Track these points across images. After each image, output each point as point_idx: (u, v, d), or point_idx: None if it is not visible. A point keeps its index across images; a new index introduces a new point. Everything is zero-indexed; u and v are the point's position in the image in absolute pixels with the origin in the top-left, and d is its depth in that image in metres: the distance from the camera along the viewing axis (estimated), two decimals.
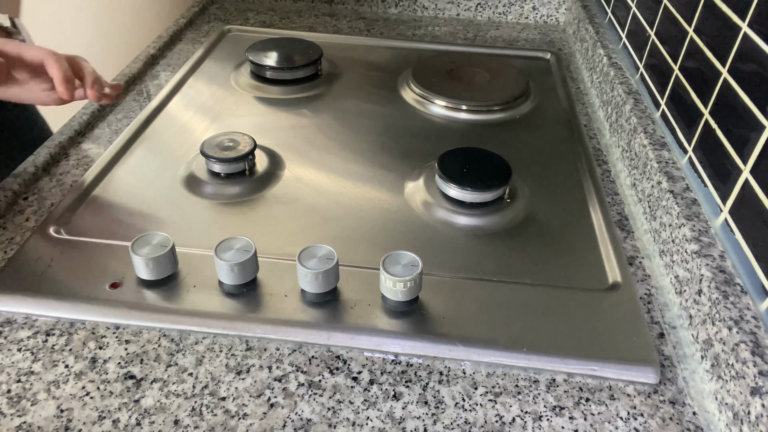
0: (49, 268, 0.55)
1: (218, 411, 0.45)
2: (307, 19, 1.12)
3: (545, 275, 0.58)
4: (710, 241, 0.53)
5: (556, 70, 0.96)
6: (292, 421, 0.45)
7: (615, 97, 0.78)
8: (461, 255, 0.60)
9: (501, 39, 1.07)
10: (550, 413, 0.46)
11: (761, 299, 0.47)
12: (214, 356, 0.49)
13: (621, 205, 0.68)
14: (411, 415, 0.46)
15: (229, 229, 0.62)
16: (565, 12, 1.12)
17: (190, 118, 0.80)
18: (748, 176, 0.50)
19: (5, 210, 0.63)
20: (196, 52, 0.95)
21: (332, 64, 0.95)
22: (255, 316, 0.52)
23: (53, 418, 0.45)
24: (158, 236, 0.54)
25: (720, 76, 0.56)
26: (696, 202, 0.57)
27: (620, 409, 0.47)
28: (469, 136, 0.79)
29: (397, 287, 0.51)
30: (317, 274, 0.51)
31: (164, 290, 0.53)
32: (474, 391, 0.48)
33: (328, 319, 0.52)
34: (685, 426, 0.46)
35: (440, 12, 1.15)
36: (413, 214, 0.65)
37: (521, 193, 0.68)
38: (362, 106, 0.85)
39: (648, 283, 0.58)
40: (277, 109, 0.83)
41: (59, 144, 0.72)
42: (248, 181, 0.68)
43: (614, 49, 0.87)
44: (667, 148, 0.65)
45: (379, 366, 0.49)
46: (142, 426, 0.44)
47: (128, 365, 0.48)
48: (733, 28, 0.55)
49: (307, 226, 0.62)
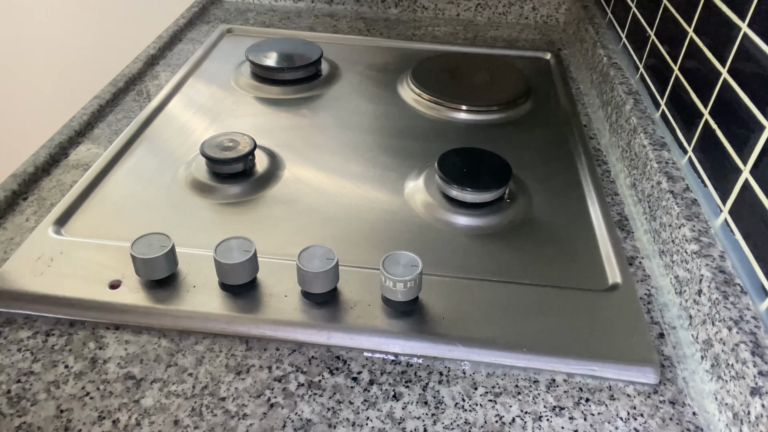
0: (49, 268, 0.55)
1: (218, 411, 0.45)
2: (307, 19, 1.12)
3: (545, 275, 0.58)
4: (710, 241, 0.53)
5: (556, 70, 0.96)
6: (292, 422, 0.45)
7: (615, 97, 0.78)
8: (461, 255, 0.60)
9: (501, 39, 1.07)
10: (550, 413, 0.46)
11: (761, 299, 0.47)
12: (214, 356, 0.49)
13: (621, 205, 0.68)
14: (411, 416, 0.46)
15: (229, 229, 0.62)
16: (565, 12, 1.12)
17: (190, 118, 0.80)
18: (748, 176, 0.50)
19: (5, 210, 0.63)
20: (196, 52, 0.95)
21: (332, 64, 0.95)
22: (255, 316, 0.52)
23: (53, 418, 0.45)
24: (158, 236, 0.54)
25: (720, 76, 0.56)
26: (696, 202, 0.57)
27: (620, 409, 0.47)
28: (469, 137, 0.79)
29: (397, 287, 0.51)
30: (317, 274, 0.51)
31: (164, 290, 0.53)
32: (474, 392, 0.48)
33: (328, 319, 0.52)
34: (685, 426, 0.46)
35: (440, 12, 1.15)
36: (413, 215, 0.65)
37: (521, 194, 0.68)
38: (362, 106, 0.85)
39: (648, 283, 0.58)
40: (277, 109, 0.83)
41: (59, 144, 0.72)
42: (248, 181, 0.68)
43: (614, 49, 0.87)
44: (667, 148, 0.65)
45: (379, 366, 0.49)
46: (142, 426, 0.44)
47: (128, 365, 0.48)
48: (733, 28, 0.55)
49: (307, 226, 0.63)
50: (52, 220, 0.61)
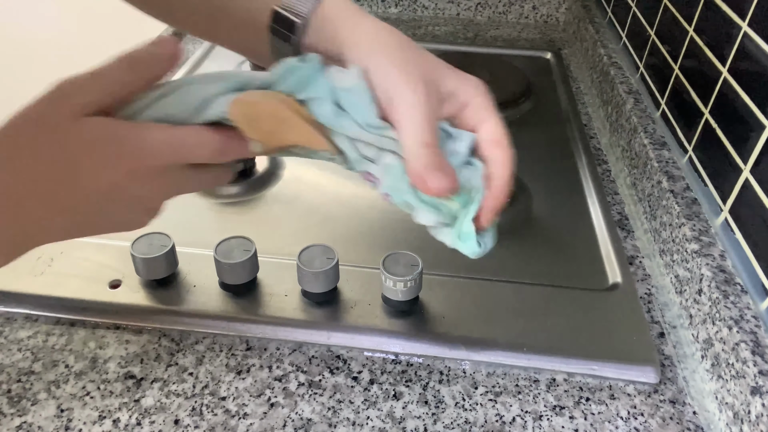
0: (49, 267, 0.55)
1: (218, 411, 0.45)
2: None
3: (545, 275, 0.58)
4: (710, 240, 0.53)
5: (556, 69, 0.96)
6: (292, 421, 0.45)
7: (615, 97, 0.78)
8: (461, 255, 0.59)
9: (501, 38, 1.07)
10: (550, 413, 0.46)
11: (761, 299, 0.47)
12: (215, 356, 0.49)
13: (621, 205, 0.68)
14: (411, 415, 0.46)
15: (229, 228, 0.62)
16: (565, 12, 1.12)
17: None
18: (749, 176, 0.50)
19: None
20: (196, 52, 0.95)
21: None
22: (255, 316, 0.52)
23: (53, 417, 0.45)
24: (158, 236, 0.54)
25: (720, 76, 0.56)
26: (696, 201, 0.57)
27: (620, 408, 0.47)
28: None
29: (397, 287, 0.51)
30: (317, 274, 0.51)
31: (164, 290, 0.53)
32: (474, 391, 0.48)
33: (328, 318, 0.52)
34: (686, 425, 0.46)
35: (440, 12, 1.15)
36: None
37: (521, 193, 0.68)
38: None
39: (648, 282, 0.58)
40: None
41: None
42: (248, 181, 0.68)
43: (614, 48, 0.87)
44: (667, 148, 0.65)
45: (379, 366, 0.49)
46: (142, 426, 0.44)
47: (128, 365, 0.48)
48: (733, 27, 0.54)
49: (307, 226, 0.62)
50: None
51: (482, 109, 0.38)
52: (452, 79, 0.38)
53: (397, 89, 0.36)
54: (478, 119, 0.39)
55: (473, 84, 0.39)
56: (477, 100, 0.38)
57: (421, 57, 0.38)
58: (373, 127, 0.37)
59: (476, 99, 0.38)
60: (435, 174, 0.36)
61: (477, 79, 0.39)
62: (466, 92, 0.38)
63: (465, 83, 0.38)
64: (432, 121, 0.36)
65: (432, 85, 0.37)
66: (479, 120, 0.39)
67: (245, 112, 0.35)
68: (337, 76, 0.37)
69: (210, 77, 0.37)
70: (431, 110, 0.36)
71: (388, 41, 0.38)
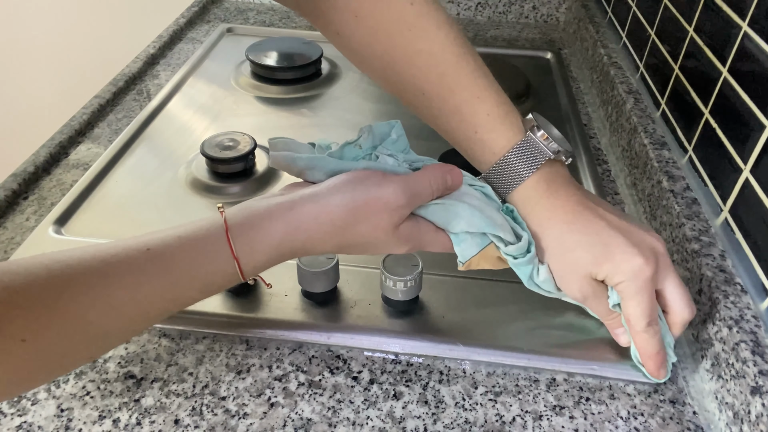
0: None
1: (218, 410, 0.45)
2: None
3: None
4: (710, 240, 0.53)
5: (556, 69, 0.96)
6: (292, 421, 0.45)
7: (615, 97, 0.78)
8: None
9: (501, 38, 1.07)
10: (550, 413, 0.46)
11: (761, 299, 0.47)
12: (215, 356, 0.49)
13: (621, 205, 0.68)
14: (411, 415, 0.46)
15: None
16: (565, 12, 1.12)
17: (190, 117, 0.80)
18: (749, 176, 0.50)
19: (5, 209, 0.63)
20: (196, 52, 0.95)
21: (332, 63, 0.95)
22: (255, 316, 0.52)
23: (53, 417, 0.45)
24: None
25: (720, 76, 0.56)
26: (696, 201, 0.57)
27: (620, 408, 0.47)
28: None
29: (397, 287, 0.51)
30: (317, 273, 0.51)
31: None
32: (474, 391, 0.48)
33: (329, 318, 0.52)
34: (685, 425, 0.46)
35: None
36: None
37: None
38: (362, 105, 0.84)
39: None
40: (277, 109, 0.83)
41: (59, 143, 0.72)
42: (248, 180, 0.68)
43: (614, 48, 0.87)
44: (667, 148, 0.65)
45: (379, 365, 0.49)
46: (142, 425, 0.44)
47: (128, 365, 0.48)
48: (733, 27, 0.54)
49: None
50: (53, 220, 0.61)
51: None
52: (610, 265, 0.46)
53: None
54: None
55: (630, 265, 0.45)
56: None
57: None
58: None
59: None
60: (664, 369, 0.47)
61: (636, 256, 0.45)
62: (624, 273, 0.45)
63: (621, 267, 0.45)
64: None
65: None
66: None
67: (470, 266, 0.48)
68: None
69: (471, 201, 0.47)
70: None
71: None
